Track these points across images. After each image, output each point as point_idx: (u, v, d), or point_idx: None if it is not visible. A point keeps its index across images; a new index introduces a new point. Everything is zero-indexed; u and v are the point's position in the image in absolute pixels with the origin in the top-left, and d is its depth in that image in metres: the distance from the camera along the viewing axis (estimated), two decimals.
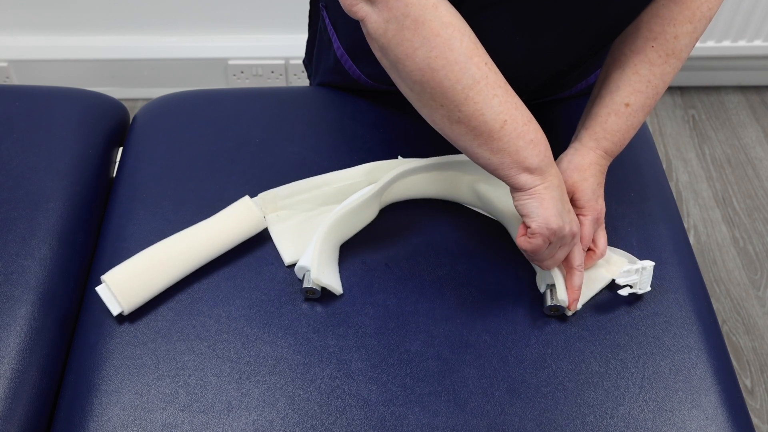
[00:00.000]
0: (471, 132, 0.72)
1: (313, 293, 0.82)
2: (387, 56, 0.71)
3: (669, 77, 0.81)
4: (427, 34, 0.67)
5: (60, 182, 0.94)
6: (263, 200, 0.89)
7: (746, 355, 1.46)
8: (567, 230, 0.76)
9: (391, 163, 0.92)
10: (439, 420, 0.74)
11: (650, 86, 0.81)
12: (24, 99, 1.05)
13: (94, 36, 1.78)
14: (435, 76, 0.68)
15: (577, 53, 0.87)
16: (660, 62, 0.80)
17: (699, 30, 0.79)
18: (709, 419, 0.76)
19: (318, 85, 1.10)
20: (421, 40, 0.67)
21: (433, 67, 0.68)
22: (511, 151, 0.72)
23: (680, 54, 0.80)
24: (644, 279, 0.83)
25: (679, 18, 0.79)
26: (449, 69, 0.68)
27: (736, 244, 1.64)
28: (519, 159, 0.72)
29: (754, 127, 1.91)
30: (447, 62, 0.68)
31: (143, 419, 0.74)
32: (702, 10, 0.78)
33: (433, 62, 0.68)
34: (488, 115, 0.70)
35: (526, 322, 0.82)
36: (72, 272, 0.89)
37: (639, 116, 0.82)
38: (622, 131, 0.82)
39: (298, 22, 1.78)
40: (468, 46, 0.68)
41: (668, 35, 0.79)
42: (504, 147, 0.72)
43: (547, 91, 1.02)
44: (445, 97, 0.70)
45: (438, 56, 0.67)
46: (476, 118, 0.70)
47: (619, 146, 0.83)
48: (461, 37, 0.68)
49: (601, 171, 0.83)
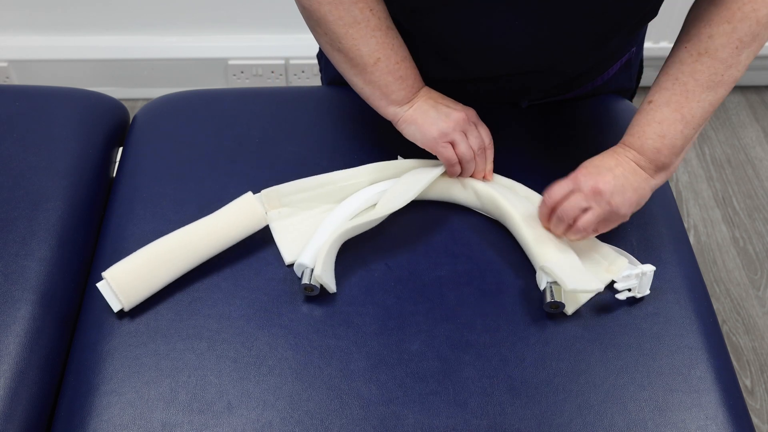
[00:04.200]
0: (349, 62, 0.84)
1: (312, 290, 0.82)
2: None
3: (703, 75, 0.78)
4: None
5: (60, 182, 0.94)
6: (266, 197, 0.89)
7: (746, 355, 1.46)
8: (452, 123, 0.85)
9: (394, 164, 0.92)
10: (439, 420, 0.74)
11: (677, 83, 0.79)
12: (24, 99, 1.05)
13: (94, 36, 1.78)
14: (320, 9, 0.81)
15: (581, 43, 0.87)
16: (690, 61, 0.79)
17: (741, 30, 0.77)
18: (709, 419, 0.76)
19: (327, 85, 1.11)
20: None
21: (319, 2, 0.80)
22: (381, 84, 0.85)
23: (716, 53, 0.78)
24: (644, 283, 0.83)
25: (716, 18, 0.77)
26: (333, 6, 0.80)
27: (736, 244, 1.64)
28: (388, 92, 0.85)
29: (754, 127, 1.91)
30: (332, 1, 0.80)
31: (143, 419, 0.74)
32: (744, 10, 0.76)
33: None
34: (364, 50, 0.82)
35: (526, 321, 0.82)
36: (72, 272, 0.89)
37: (663, 110, 0.80)
38: (641, 124, 0.81)
39: (298, 22, 1.77)
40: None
41: (702, 35, 0.78)
42: (375, 80, 0.84)
43: (555, 89, 1.02)
44: (328, 28, 0.82)
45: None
46: (353, 51, 0.83)
47: (637, 137, 0.81)
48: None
49: (610, 155, 0.82)
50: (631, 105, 1.08)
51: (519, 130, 1.02)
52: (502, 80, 0.94)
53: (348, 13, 0.81)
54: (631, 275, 0.81)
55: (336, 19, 0.81)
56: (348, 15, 0.81)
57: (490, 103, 0.97)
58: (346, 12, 0.81)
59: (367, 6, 0.81)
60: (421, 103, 0.87)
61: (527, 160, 0.97)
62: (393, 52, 0.84)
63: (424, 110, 0.86)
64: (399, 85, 0.85)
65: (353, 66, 0.85)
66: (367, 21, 0.81)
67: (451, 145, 0.86)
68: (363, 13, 0.81)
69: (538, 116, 1.04)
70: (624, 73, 1.05)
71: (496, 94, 0.98)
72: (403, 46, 0.85)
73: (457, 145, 0.87)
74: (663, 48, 1.78)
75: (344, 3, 0.80)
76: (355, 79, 0.86)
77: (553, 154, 0.99)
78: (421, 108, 0.87)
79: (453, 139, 0.86)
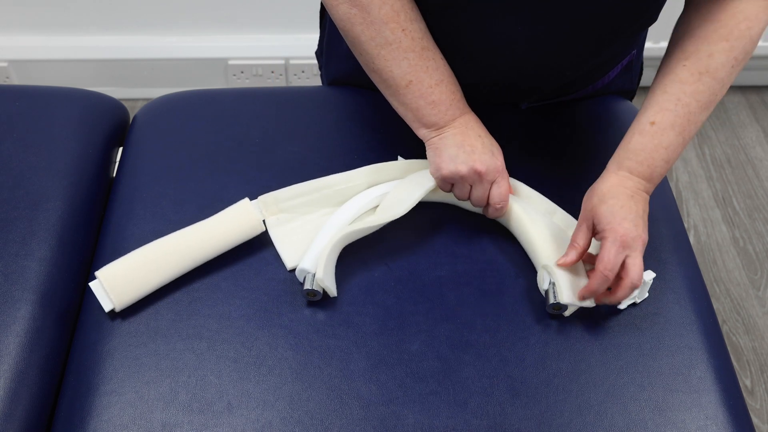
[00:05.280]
0: (383, 83, 0.84)
1: (314, 295, 0.82)
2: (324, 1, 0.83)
3: (704, 96, 0.77)
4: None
5: (60, 182, 0.94)
6: (263, 203, 0.89)
7: (746, 355, 1.46)
8: (465, 170, 0.83)
9: (392, 165, 0.92)
10: (439, 420, 0.74)
11: (680, 104, 0.77)
12: (24, 99, 1.05)
13: (94, 36, 1.78)
14: (353, 30, 0.81)
15: (581, 47, 0.86)
16: (692, 80, 0.77)
17: (738, 48, 0.76)
18: (709, 419, 0.76)
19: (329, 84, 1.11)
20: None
21: (352, 22, 0.80)
22: (413, 107, 0.83)
23: (716, 73, 0.77)
24: (643, 290, 0.83)
25: (713, 36, 0.76)
26: (365, 27, 0.80)
27: (736, 244, 1.64)
28: (419, 116, 0.83)
29: (754, 127, 1.91)
30: (364, 21, 0.79)
31: (143, 419, 0.74)
32: (740, 28, 0.76)
33: (352, 18, 0.80)
34: (396, 72, 0.81)
35: (526, 322, 0.82)
36: (72, 272, 0.89)
37: (669, 134, 0.78)
38: (648, 150, 0.78)
39: (298, 22, 1.79)
40: (387, 12, 0.79)
41: (702, 53, 0.77)
42: (407, 102, 0.83)
43: (556, 92, 1.02)
44: (361, 48, 0.82)
45: (356, 14, 0.80)
46: (386, 72, 0.82)
47: (647, 165, 0.79)
48: (381, 4, 0.79)
49: (628, 193, 0.78)
50: (632, 106, 1.08)
51: (519, 131, 1.02)
52: (502, 82, 0.93)
53: (379, 33, 0.79)
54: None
55: (368, 39, 0.80)
56: (379, 36, 0.79)
57: (490, 103, 0.97)
58: (377, 33, 0.79)
59: (399, 26, 0.79)
60: (451, 134, 0.84)
61: (528, 160, 0.97)
62: (426, 75, 0.81)
63: (447, 144, 0.83)
64: (430, 110, 0.83)
65: (387, 87, 0.84)
66: (399, 42, 0.80)
67: (449, 185, 0.86)
68: (395, 33, 0.79)
69: (538, 117, 1.04)
70: (625, 76, 1.05)
71: (496, 95, 0.98)
72: (440, 69, 0.83)
73: (455, 190, 0.87)
74: (663, 48, 1.77)
75: (375, 23, 0.79)
76: (390, 99, 0.85)
77: (554, 155, 0.99)
78: (447, 140, 0.83)
79: (455, 185, 0.86)
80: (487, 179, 0.84)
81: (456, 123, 0.84)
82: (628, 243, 0.76)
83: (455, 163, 0.83)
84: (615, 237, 0.76)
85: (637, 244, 0.77)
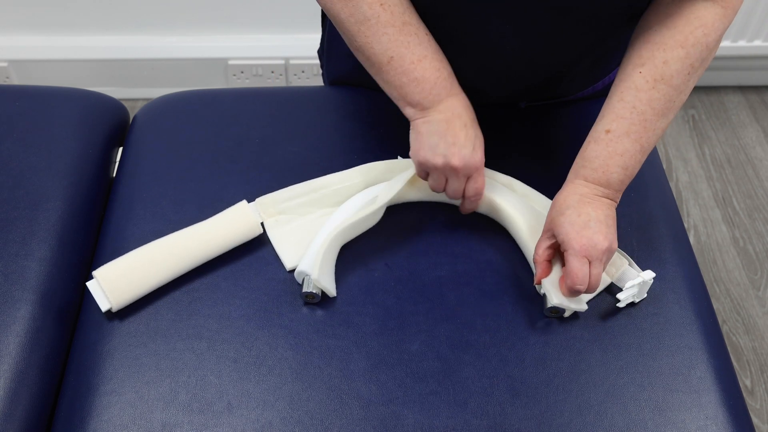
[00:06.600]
0: (366, 61, 0.82)
1: (313, 297, 0.81)
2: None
3: (659, 103, 0.77)
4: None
5: (60, 182, 0.94)
6: (261, 205, 0.89)
7: (746, 355, 1.46)
8: (440, 163, 0.81)
9: (389, 164, 0.92)
10: (439, 420, 0.74)
11: (635, 112, 0.77)
12: (24, 99, 1.05)
13: (94, 36, 1.78)
14: (334, 8, 0.80)
15: (572, 47, 0.86)
16: (647, 88, 0.77)
17: (693, 56, 0.76)
18: (709, 419, 0.76)
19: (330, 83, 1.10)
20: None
21: (332, 0, 0.79)
22: (396, 85, 0.81)
23: (671, 80, 0.77)
24: (643, 289, 0.83)
25: (669, 43, 0.76)
26: (343, 3, 0.78)
27: (736, 244, 1.64)
28: (403, 93, 0.81)
29: (754, 127, 1.91)
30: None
31: (143, 419, 0.74)
32: (696, 35, 0.76)
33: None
34: (377, 49, 0.79)
35: (526, 322, 0.82)
36: (72, 272, 0.89)
37: (624, 141, 0.78)
38: (603, 157, 0.78)
39: (298, 22, 1.79)
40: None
41: (657, 60, 0.77)
42: (390, 80, 0.81)
43: (557, 92, 1.02)
44: (342, 26, 0.81)
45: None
46: (367, 49, 0.80)
47: (602, 172, 0.79)
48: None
49: (584, 200, 0.79)
50: None
51: (517, 131, 1.02)
52: (496, 83, 0.93)
53: (357, 9, 0.78)
54: (634, 285, 0.81)
55: (348, 16, 0.79)
56: (358, 11, 0.78)
57: (487, 103, 0.97)
58: (355, 8, 0.78)
59: (377, 1, 0.78)
60: (435, 120, 0.81)
61: (527, 160, 0.97)
62: (408, 50, 0.79)
63: (430, 130, 0.81)
64: (414, 88, 0.80)
65: (371, 65, 0.82)
66: (377, 17, 0.78)
67: (425, 173, 0.85)
68: (372, 9, 0.78)
69: (538, 117, 1.04)
70: None
71: (491, 95, 0.98)
72: (423, 44, 0.80)
73: (430, 180, 0.85)
74: None
75: (352, 0, 0.78)
76: (376, 78, 0.83)
77: (554, 155, 0.99)
78: (431, 125, 0.81)
79: (430, 174, 0.84)
80: (462, 174, 0.83)
81: (442, 106, 0.81)
82: (589, 252, 0.77)
83: (433, 153, 0.81)
84: (574, 250, 0.76)
85: (596, 253, 0.77)
